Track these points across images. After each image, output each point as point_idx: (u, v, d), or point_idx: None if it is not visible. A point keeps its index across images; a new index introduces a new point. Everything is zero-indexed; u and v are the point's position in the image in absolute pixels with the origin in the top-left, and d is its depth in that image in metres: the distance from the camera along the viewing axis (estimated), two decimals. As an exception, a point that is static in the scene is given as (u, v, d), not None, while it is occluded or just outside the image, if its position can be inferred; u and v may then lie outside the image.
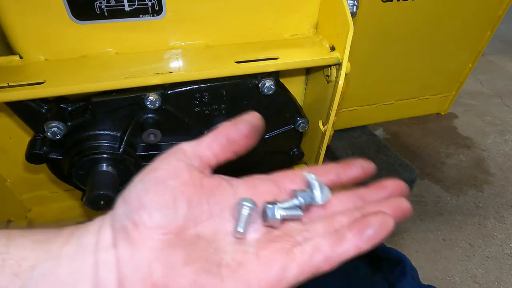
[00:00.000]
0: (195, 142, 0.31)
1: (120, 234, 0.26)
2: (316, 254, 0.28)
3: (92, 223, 0.28)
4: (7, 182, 0.59)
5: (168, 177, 0.28)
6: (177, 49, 0.48)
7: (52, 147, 0.45)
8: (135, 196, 0.27)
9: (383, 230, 0.29)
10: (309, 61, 0.47)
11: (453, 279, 1.19)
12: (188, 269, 0.25)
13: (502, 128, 1.91)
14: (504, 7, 0.84)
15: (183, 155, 0.30)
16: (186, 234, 0.27)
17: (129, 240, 0.26)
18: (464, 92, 1.90)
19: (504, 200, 1.48)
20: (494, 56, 2.68)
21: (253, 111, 0.35)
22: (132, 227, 0.26)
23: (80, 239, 0.26)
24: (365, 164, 0.36)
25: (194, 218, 0.28)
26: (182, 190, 0.28)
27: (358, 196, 0.34)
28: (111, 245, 0.26)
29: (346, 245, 0.29)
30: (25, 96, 0.38)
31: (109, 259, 0.25)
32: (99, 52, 0.45)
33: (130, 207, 0.27)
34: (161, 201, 0.27)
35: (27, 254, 0.25)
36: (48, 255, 0.25)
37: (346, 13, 0.44)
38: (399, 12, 0.74)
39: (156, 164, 0.29)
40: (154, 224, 0.26)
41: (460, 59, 0.93)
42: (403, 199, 0.32)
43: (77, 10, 0.42)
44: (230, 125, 0.33)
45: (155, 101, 0.44)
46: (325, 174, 0.35)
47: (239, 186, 0.33)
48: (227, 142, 0.32)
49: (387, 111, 0.97)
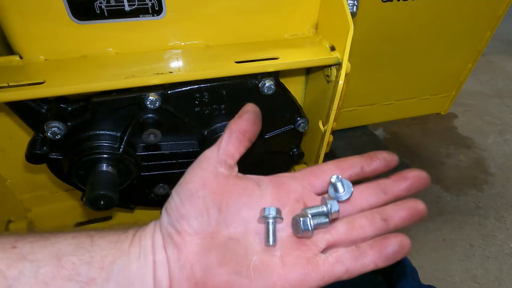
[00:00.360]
0: (216, 146, 0.35)
1: (167, 239, 0.31)
2: (338, 265, 0.31)
3: (148, 227, 0.33)
4: (7, 182, 0.59)
5: (198, 188, 0.32)
6: (177, 49, 0.48)
7: (52, 147, 0.45)
8: (174, 207, 0.32)
9: (401, 251, 0.32)
10: (309, 61, 0.47)
11: (453, 279, 1.19)
12: (222, 270, 0.30)
13: (502, 128, 1.91)
14: (504, 7, 0.84)
15: (208, 163, 0.34)
16: (220, 236, 0.32)
17: (174, 244, 0.31)
18: (464, 92, 1.90)
19: (504, 200, 1.48)
20: (494, 56, 2.67)
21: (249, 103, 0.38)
22: (175, 234, 0.31)
23: (141, 241, 0.31)
24: (388, 157, 0.37)
25: (225, 222, 0.32)
26: (212, 198, 0.32)
27: (380, 188, 0.36)
28: (162, 247, 0.31)
29: (366, 260, 0.32)
30: (25, 96, 0.38)
31: (162, 259, 0.30)
32: (99, 52, 0.45)
33: (172, 217, 0.32)
34: (195, 210, 0.31)
35: (107, 252, 0.30)
36: (122, 254, 0.30)
37: (346, 13, 0.44)
38: (399, 12, 0.74)
39: (187, 177, 0.33)
40: (192, 231, 0.31)
41: (460, 59, 0.93)
42: (419, 202, 0.35)
43: (77, 10, 0.41)
44: (237, 119, 0.36)
45: (155, 101, 0.44)
46: (350, 168, 0.36)
47: (266, 186, 0.36)
48: (242, 134, 0.35)
49: (387, 111, 0.97)
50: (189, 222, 0.31)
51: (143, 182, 0.53)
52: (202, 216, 0.31)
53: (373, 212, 0.34)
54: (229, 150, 0.35)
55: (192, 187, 0.32)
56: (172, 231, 0.31)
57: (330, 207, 0.32)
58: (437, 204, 1.45)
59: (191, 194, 0.32)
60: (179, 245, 0.31)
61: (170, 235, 0.31)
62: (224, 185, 0.33)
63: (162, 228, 0.32)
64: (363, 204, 0.35)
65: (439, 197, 1.49)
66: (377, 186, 0.36)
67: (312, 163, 0.63)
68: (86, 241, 0.30)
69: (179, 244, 0.31)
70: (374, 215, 0.34)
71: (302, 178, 0.37)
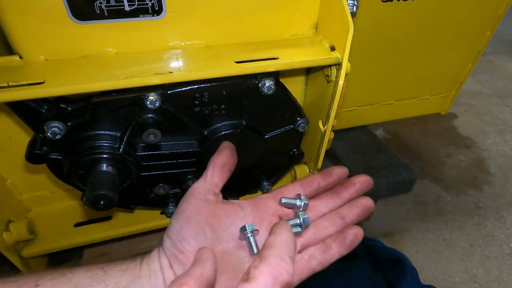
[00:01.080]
0: (203, 179, 0.43)
1: (172, 259, 0.37)
2: (311, 260, 0.40)
3: (153, 253, 0.39)
4: (7, 182, 0.59)
5: (193, 214, 0.39)
6: (177, 49, 0.48)
7: (52, 147, 0.45)
8: (175, 232, 0.38)
9: (356, 239, 0.41)
10: (309, 61, 0.47)
11: (453, 279, 1.19)
12: (223, 277, 0.36)
13: (502, 128, 1.91)
14: (504, 7, 0.84)
15: (198, 193, 0.41)
16: (216, 251, 0.38)
17: (179, 262, 0.37)
18: (464, 92, 1.90)
19: (504, 200, 1.48)
20: (494, 56, 2.67)
21: (225, 141, 0.48)
22: (179, 253, 0.37)
23: (150, 265, 0.37)
24: (340, 171, 0.47)
25: (218, 239, 0.39)
26: (206, 221, 0.39)
27: (336, 194, 0.46)
28: (169, 266, 0.37)
29: (332, 252, 0.41)
30: (25, 96, 0.38)
31: (171, 276, 0.36)
32: (99, 52, 0.45)
33: (174, 240, 0.38)
34: (193, 232, 0.38)
35: (120, 279, 0.35)
36: (134, 278, 0.35)
37: (346, 13, 0.44)
38: (399, 12, 0.74)
39: (183, 206, 0.40)
40: (193, 248, 0.37)
41: (460, 59, 0.93)
42: (368, 199, 0.45)
43: (77, 10, 0.41)
44: (217, 154, 0.45)
45: (155, 101, 0.44)
46: (309, 185, 0.46)
47: (246, 207, 0.44)
48: (223, 166, 0.44)
49: (387, 111, 0.97)
50: (189, 242, 0.37)
51: (143, 182, 0.53)
52: (199, 236, 0.38)
53: (333, 213, 0.44)
54: (214, 181, 0.42)
55: (188, 214, 0.39)
56: (175, 252, 0.37)
57: (303, 220, 0.42)
58: (437, 204, 1.45)
59: (188, 220, 0.38)
60: (183, 261, 0.36)
61: (175, 255, 0.37)
62: (214, 209, 0.40)
63: (166, 251, 0.38)
64: (325, 209, 0.45)
65: (439, 197, 1.49)
66: (333, 193, 0.47)
67: (312, 163, 0.63)
68: (99, 272, 0.35)
69: (183, 261, 0.36)
70: (333, 216, 0.44)
71: (274, 197, 0.46)
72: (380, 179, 0.99)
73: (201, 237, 0.38)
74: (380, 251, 0.68)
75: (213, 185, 0.42)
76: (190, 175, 0.55)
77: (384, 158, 1.06)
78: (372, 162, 1.03)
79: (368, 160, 1.04)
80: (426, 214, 1.41)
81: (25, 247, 0.59)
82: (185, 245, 0.37)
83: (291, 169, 0.70)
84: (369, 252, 0.70)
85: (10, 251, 0.55)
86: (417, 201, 1.47)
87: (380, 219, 1.34)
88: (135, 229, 0.63)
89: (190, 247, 0.37)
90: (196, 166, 0.54)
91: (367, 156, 1.05)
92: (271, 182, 0.65)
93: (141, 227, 0.64)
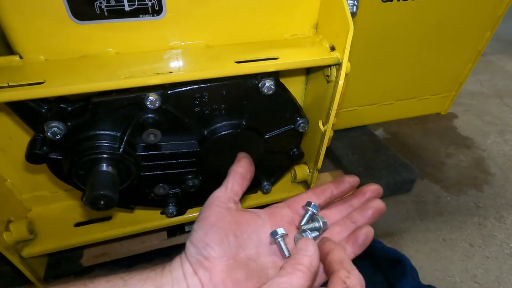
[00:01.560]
0: (224, 187, 0.44)
1: (196, 266, 0.37)
2: None
3: (174, 261, 0.39)
4: (7, 182, 0.59)
5: (217, 221, 0.40)
6: (177, 49, 0.48)
7: (52, 147, 0.45)
8: (199, 238, 0.39)
9: (368, 239, 0.42)
10: (309, 61, 0.47)
11: (453, 279, 1.19)
12: (249, 282, 0.37)
13: (502, 128, 1.91)
14: (504, 7, 0.84)
15: (220, 201, 0.42)
16: (240, 258, 0.39)
17: (205, 268, 0.37)
18: (464, 92, 1.90)
19: (504, 200, 1.48)
20: (494, 56, 2.68)
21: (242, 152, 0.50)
22: (204, 260, 0.37)
23: (172, 273, 0.37)
24: (351, 180, 0.49)
25: (241, 245, 0.40)
26: (229, 227, 0.40)
27: (347, 204, 0.48)
28: (193, 273, 0.37)
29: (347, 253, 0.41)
30: (25, 96, 0.38)
31: (196, 282, 0.36)
32: (99, 52, 0.45)
33: (198, 247, 0.38)
34: (217, 238, 0.38)
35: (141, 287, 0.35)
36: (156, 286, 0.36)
37: (346, 13, 0.44)
38: (399, 12, 0.74)
39: (205, 214, 0.41)
40: (217, 255, 0.38)
41: (460, 59, 0.93)
42: (379, 201, 0.46)
43: (77, 10, 0.41)
44: (237, 163, 0.47)
45: (155, 101, 0.44)
46: (323, 193, 0.48)
47: (264, 215, 0.45)
48: (244, 175, 0.45)
49: (387, 111, 0.97)
50: (213, 248, 0.38)
51: (143, 182, 0.53)
52: (223, 243, 0.38)
53: (345, 219, 0.46)
54: (235, 189, 0.43)
55: (212, 220, 0.40)
56: (200, 258, 0.37)
57: (322, 223, 0.43)
58: (437, 204, 1.45)
59: (212, 226, 0.39)
60: (209, 268, 0.37)
61: (200, 262, 0.37)
62: (236, 217, 0.41)
63: (189, 258, 0.38)
64: (338, 217, 0.47)
65: (439, 197, 1.49)
66: (345, 202, 0.49)
67: (312, 163, 0.63)
68: (119, 282, 0.35)
69: (208, 267, 0.37)
70: (345, 221, 0.46)
71: (289, 206, 0.47)
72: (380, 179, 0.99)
73: (225, 244, 0.38)
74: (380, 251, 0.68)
75: (234, 193, 0.43)
76: (190, 175, 0.55)
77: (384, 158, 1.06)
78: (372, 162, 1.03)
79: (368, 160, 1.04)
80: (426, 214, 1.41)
81: (25, 247, 0.59)
82: (210, 251, 0.37)
83: (291, 169, 0.70)
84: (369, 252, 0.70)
85: (10, 251, 0.55)
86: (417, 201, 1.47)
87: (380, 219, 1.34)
88: (135, 229, 0.63)
89: (214, 254, 0.37)
90: (196, 166, 0.54)
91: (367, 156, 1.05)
92: (271, 182, 0.65)
93: (141, 227, 0.64)
